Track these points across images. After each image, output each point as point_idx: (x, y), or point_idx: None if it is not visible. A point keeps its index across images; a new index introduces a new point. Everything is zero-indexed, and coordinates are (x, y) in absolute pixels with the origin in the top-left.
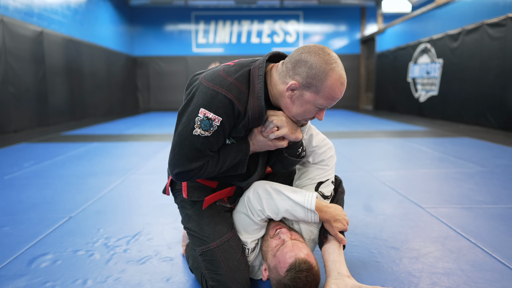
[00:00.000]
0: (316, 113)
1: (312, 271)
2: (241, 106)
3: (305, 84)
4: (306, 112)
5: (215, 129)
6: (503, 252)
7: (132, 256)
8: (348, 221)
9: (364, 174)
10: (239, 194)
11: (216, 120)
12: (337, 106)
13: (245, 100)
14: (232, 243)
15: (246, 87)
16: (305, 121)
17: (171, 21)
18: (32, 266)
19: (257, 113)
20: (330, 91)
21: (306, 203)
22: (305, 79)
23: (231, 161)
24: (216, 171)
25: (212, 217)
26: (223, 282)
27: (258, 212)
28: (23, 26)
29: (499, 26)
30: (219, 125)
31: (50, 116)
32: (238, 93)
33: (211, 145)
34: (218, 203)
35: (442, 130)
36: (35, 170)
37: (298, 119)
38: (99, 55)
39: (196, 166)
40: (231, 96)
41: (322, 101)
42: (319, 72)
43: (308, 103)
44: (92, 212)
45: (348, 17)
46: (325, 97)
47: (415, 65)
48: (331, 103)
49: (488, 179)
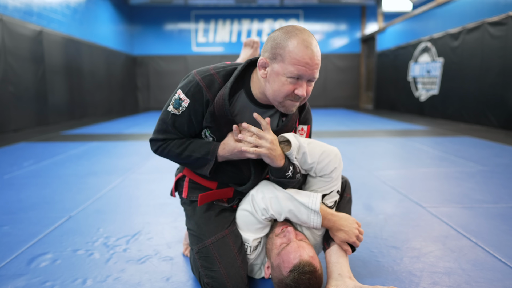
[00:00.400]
0: (293, 86)
1: (315, 274)
2: (210, 94)
3: (272, 56)
4: (282, 87)
5: (183, 110)
6: (504, 251)
7: (132, 255)
8: (361, 232)
9: (365, 173)
10: (238, 196)
11: (185, 101)
12: (338, 105)
13: (216, 89)
14: (228, 240)
15: (223, 80)
16: (290, 102)
17: (171, 20)
18: (32, 266)
19: (221, 100)
20: (295, 55)
21: (310, 203)
22: (270, 52)
23: (195, 153)
24: (179, 155)
25: (209, 216)
26: (217, 279)
27: (262, 210)
28: (22, 25)
29: (500, 24)
30: (186, 107)
31: (50, 116)
32: (210, 82)
33: (178, 124)
34: (216, 202)
35: (442, 129)
36: (34, 169)
37: (279, 99)
38: (99, 54)
39: (160, 138)
40: (203, 84)
41: (291, 68)
42: (281, 40)
43: (279, 75)
44: (92, 212)
45: (348, 16)
46: (292, 62)
47: (415, 64)
48: (300, 69)
49: (489, 178)
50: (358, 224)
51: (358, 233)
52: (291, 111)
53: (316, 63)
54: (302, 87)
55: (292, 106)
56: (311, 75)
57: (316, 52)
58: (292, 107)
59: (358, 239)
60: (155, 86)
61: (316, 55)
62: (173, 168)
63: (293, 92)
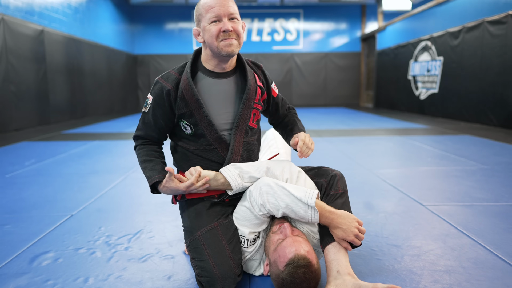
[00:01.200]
0: (217, 26)
1: (311, 268)
2: (168, 85)
3: (197, 22)
4: (211, 33)
5: (149, 106)
6: (505, 250)
7: (133, 254)
8: (362, 231)
9: (365, 172)
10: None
11: (150, 99)
12: (338, 104)
13: (173, 79)
14: (216, 232)
15: (177, 72)
16: (223, 42)
17: (172, 19)
18: (34, 264)
19: (186, 83)
20: (206, 5)
21: (306, 199)
22: (196, 20)
23: (145, 170)
24: (140, 162)
25: (200, 211)
26: (206, 268)
27: (260, 206)
28: (24, 24)
29: (499, 23)
30: (151, 103)
31: (51, 115)
32: (167, 76)
33: (147, 120)
34: (205, 198)
35: (442, 127)
36: (36, 168)
37: (215, 44)
38: (100, 53)
39: (135, 135)
40: (161, 80)
41: (208, 15)
42: (197, 6)
43: (205, 28)
44: (93, 210)
45: (348, 15)
46: (206, 10)
47: (415, 63)
48: (213, 10)
49: (489, 177)
50: (359, 223)
51: (357, 231)
52: (232, 50)
53: (226, 1)
54: (224, 23)
55: (228, 46)
56: (226, 11)
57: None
58: (229, 46)
59: (358, 237)
60: None
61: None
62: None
63: (220, 31)
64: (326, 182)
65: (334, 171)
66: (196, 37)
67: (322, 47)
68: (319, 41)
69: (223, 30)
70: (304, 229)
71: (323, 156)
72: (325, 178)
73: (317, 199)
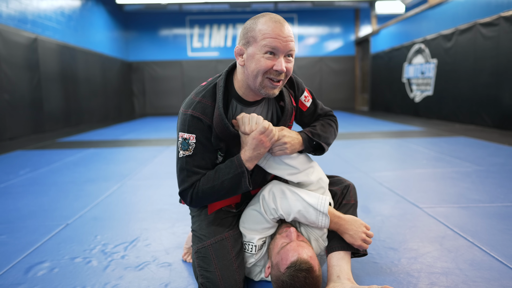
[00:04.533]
0: (271, 62)
1: (312, 274)
2: (208, 120)
3: (245, 42)
4: (259, 64)
5: (193, 147)
6: (501, 251)
7: (130, 262)
8: (369, 235)
9: (361, 175)
10: (246, 200)
11: (191, 138)
12: (333, 107)
13: (210, 112)
14: (226, 243)
15: (211, 100)
16: (270, 81)
17: (166, 25)
18: (29, 275)
19: (219, 121)
20: (265, 31)
21: (319, 205)
22: (244, 38)
23: (225, 176)
24: (212, 188)
25: (213, 219)
26: (212, 280)
27: (272, 210)
28: (17, 33)
29: (491, 25)
30: (195, 142)
31: (46, 123)
32: (203, 108)
33: (196, 162)
34: (224, 208)
35: (437, 129)
36: (31, 177)
37: (259, 79)
38: (94, 61)
39: (188, 185)
40: (197, 114)
41: (264, 43)
42: (251, 25)
43: (255, 55)
44: (89, 219)
45: (342, 19)
46: (264, 37)
47: (409, 66)
48: (273, 41)
49: (485, 178)
50: (367, 227)
51: (364, 236)
52: (273, 93)
53: (288, 35)
54: (280, 62)
55: (272, 88)
56: (286, 47)
57: (287, 26)
58: (273, 88)
59: (365, 241)
60: (151, 91)
61: (287, 27)
62: (170, 174)
63: (272, 69)
64: (340, 191)
65: (347, 181)
66: (237, 57)
67: (317, 51)
68: (313, 46)
69: (276, 69)
70: (314, 235)
71: (319, 160)
72: (339, 187)
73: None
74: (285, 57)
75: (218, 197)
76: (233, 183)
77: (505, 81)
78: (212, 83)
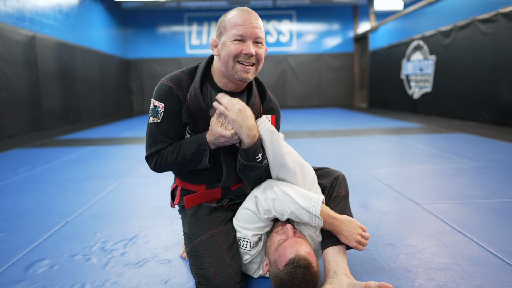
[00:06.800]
0: (240, 46)
1: (310, 270)
2: (180, 91)
3: (218, 34)
4: (229, 50)
5: (162, 115)
6: (498, 246)
7: (129, 259)
8: (365, 237)
9: (360, 172)
10: (228, 195)
11: (160, 106)
12: (332, 104)
13: (185, 86)
14: (216, 239)
15: (189, 77)
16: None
17: (164, 23)
18: (29, 272)
19: (193, 95)
20: (233, 20)
21: (311, 208)
22: (217, 31)
23: (188, 150)
24: (176, 159)
25: (199, 217)
26: (206, 276)
27: (265, 211)
28: (14, 31)
29: (490, 22)
30: (163, 111)
31: (44, 121)
32: (179, 80)
33: (163, 131)
34: (204, 204)
35: (436, 126)
36: (30, 175)
37: (231, 64)
38: (92, 58)
39: (154, 151)
40: (171, 83)
41: (232, 31)
42: (223, 18)
43: (225, 43)
44: (89, 216)
45: (340, 16)
46: (232, 26)
47: (408, 62)
48: (240, 28)
49: (483, 174)
50: (363, 229)
51: (359, 238)
52: (247, 77)
53: (256, 23)
54: (248, 45)
55: (245, 72)
56: (253, 33)
57: (254, 15)
58: (246, 72)
59: (361, 243)
60: (149, 89)
61: (254, 16)
62: (168, 172)
63: (241, 53)
64: (329, 183)
65: (337, 172)
66: (212, 48)
67: (315, 48)
68: (312, 42)
69: (245, 52)
70: (307, 232)
71: (318, 156)
72: (328, 180)
73: (322, 204)
74: (254, 44)
75: (180, 168)
76: (195, 158)
77: (503, 78)
78: (195, 64)
